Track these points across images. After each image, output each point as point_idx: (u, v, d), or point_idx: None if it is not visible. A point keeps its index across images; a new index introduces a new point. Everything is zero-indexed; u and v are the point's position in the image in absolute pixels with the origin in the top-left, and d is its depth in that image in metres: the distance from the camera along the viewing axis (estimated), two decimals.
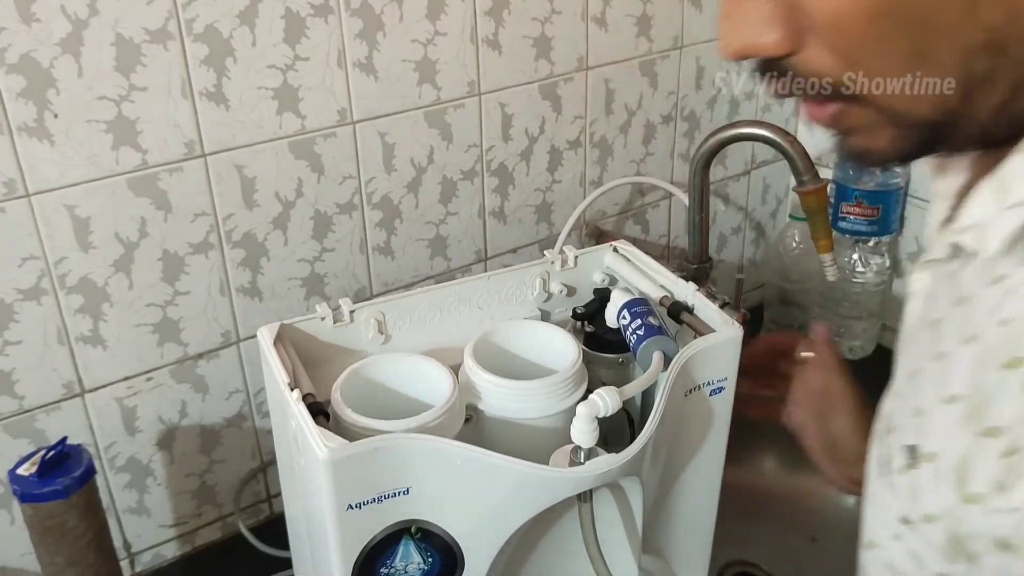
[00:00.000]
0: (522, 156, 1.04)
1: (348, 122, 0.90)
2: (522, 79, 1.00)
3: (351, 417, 0.63)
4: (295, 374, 0.69)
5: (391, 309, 0.77)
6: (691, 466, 0.76)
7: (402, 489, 0.62)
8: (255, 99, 0.83)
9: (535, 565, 0.75)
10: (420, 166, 0.97)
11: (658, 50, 1.10)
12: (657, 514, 0.76)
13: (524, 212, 1.07)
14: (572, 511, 0.70)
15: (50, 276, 0.79)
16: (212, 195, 0.84)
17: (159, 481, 0.92)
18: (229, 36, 0.80)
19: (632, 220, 1.18)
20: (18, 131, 0.73)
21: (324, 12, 0.84)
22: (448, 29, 0.92)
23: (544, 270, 0.83)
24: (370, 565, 0.64)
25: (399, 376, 0.71)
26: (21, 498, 0.74)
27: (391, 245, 0.98)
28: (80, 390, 0.84)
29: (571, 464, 0.65)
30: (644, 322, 0.72)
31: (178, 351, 0.88)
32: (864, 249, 1.21)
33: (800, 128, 1.32)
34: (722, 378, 0.73)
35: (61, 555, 0.76)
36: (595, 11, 1.03)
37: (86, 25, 0.73)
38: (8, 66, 0.71)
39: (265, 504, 1.01)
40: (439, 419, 0.64)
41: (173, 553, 0.96)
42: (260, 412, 0.96)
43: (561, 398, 0.69)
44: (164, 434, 0.90)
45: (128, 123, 0.78)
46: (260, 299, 0.91)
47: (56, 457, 0.75)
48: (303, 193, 0.90)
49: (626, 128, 1.12)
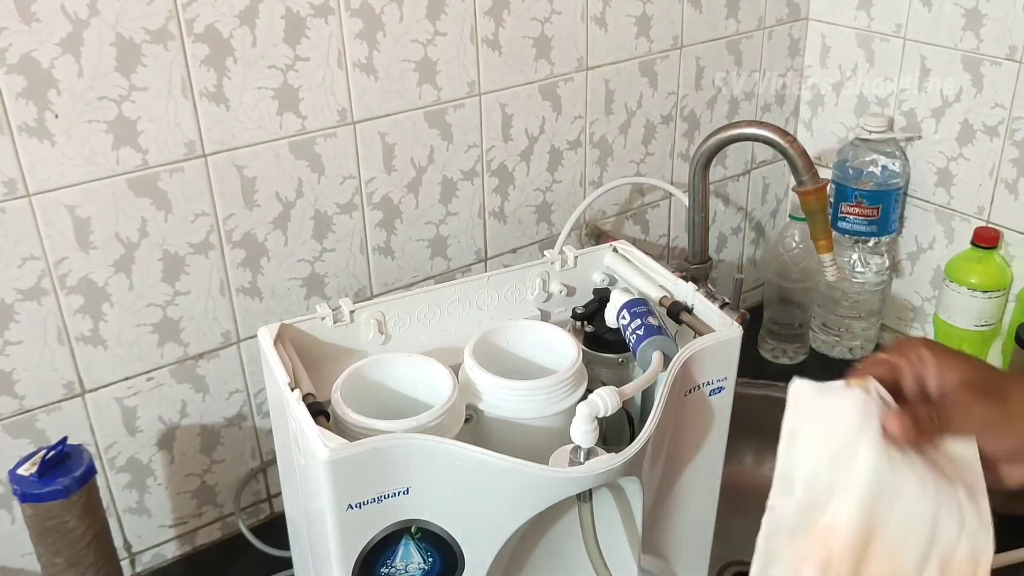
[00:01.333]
0: (522, 156, 1.04)
1: (348, 122, 0.90)
2: (522, 79, 1.00)
3: (351, 417, 0.64)
4: (295, 374, 0.69)
5: (391, 309, 0.77)
6: (691, 466, 0.76)
7: (402, 489, 0.62)
8: (255, 99, 0.83)
9: (535, 565, 0.75)
10: (420, 166, 0.97)
11: (658, 50, 1.11)
12: (657, 514, 0.76)
13: (524, 212, 1.07)
14: (572, 511, 0.70)
15: (50, 276, 0.79)
16: (212, 195, 0.84)
17: (159, 481, 0.92)
18: (229, 36, 0.80)
19: (632, 220, 1.19)
20: (18, 131, 0.73)
21: (324, 12, 0.84)
22: (448, 29, 0.93)
23: (544, 270, 0.83)
24: (370, 565, 0.64)
25: (399, 376, 0.71)
26: (21, 498, 0.74)
27: (391, 245, 0.98)
28: (80, 390, 0.84)
29: (571, 464, 0.65)
30: (644, 322, 0.72)
31: (178, 351, 0.88)
32: (864, 249, 1.21)
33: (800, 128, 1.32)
34: (722, 378, 0.73)
35: (61, 555, 0.76)
36: (595, 11, 1.03)
37: (86, 25, 0.73)
38: (8, 66, 0.71)
39: (265, 504, 1.01)
40: (439, 419, 0.64)
41: (173, 553, 0.96)
42: (260, 412, 0.96)
43: (561, 398, 0.69)
44: (164, 434, 0.90)
45: (128, 123, 0.78)
46: (260, 299, 0.91)
47: (56, 457, 0.76)
48: (303, 193, 0.90)
49: (626, 128, 1.12)
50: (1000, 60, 1.07)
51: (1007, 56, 1.06)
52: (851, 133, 1.24)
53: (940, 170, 1.17)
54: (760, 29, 1.20)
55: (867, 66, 1.21)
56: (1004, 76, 1.07)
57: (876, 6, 1.17)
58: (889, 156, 1.17)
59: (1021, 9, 1.04)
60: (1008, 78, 1.07)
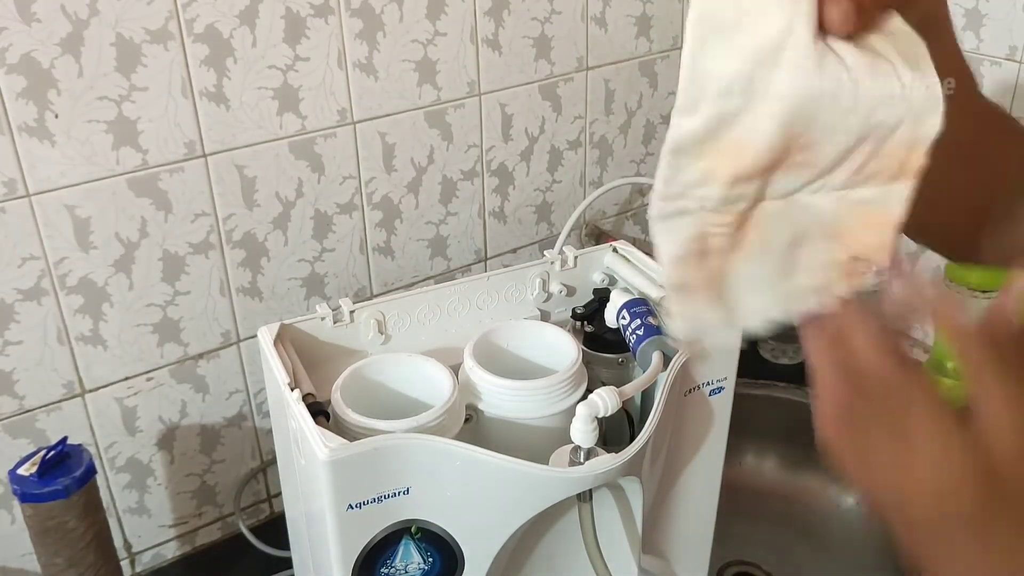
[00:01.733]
0: (522, 156, 1.04)
1: (348, 122, 0.90)
2: (522, 79, 1.00)
3: (351, 417, 0.63)
4: (295, 374, 0.69)
5: (391, 309, 0.77)
6: (691, 466, 0.76)
7: (402, 489, 0.62)
8: (255, 99, 0.83)
9: (535, 565, 0.75)
10: (420, 166, 0.97)
11: (658, 50, 1.11)
12: (657, 514, 0.76)
13: (524, 212, 1.07)
14: (572, 511, 0.70)
15: (50, 276, 0.79)
16: (212, 195, 0.84)
17: (159, 481, 0.92)
18: (229, 36, 0.80)
19: (632, 220, 1.19)
20: (18, 131, 0.73)
21: (324, 12, 0.84)
22: (448, 29, 0.93)
23: (544, 270, 0.83)
24: (370, 565, 0.64)
25: (399, 376, 0.71)
26: (21, 498, 0.74)
27: (391, 245, 0.98)
28: (80, 390, 0.84)
29: (571, 464, 0.65)
30: (644, 322, 0.72)
31: (178, 351, 0.88)
32: None
33: None
34: (721, 378, 0.73)
35: (61, 555, 0.76)
36: (595, 11, 1.03)
37: (86, 25, 0.73)
38: (8, 66, 0.71)
39: (265, 504, 1.01)
40: (439, 419, 0.64)
41: (173, 553, 0.96)
42: (260, 412, 0.96)
43: (561, 398, 0.69)
44: (164, 434, 0.90)
45: (128, 123, 0.78)
46: (260, 299, 0.91)
47: (56, 457, 0.76)
48: (303, 193, 0.90)
49: (626, 128, 1.12)
50: (1000, 60, 1.07)
51: (1007, 56, 1.06)
52: None
53: None
54: None
55: None
56: (1004, 76, 1.07)
57: None
58: None
59: (1021, 9, 1.04)
60: (1008, 78, 1.07)
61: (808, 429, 0.63)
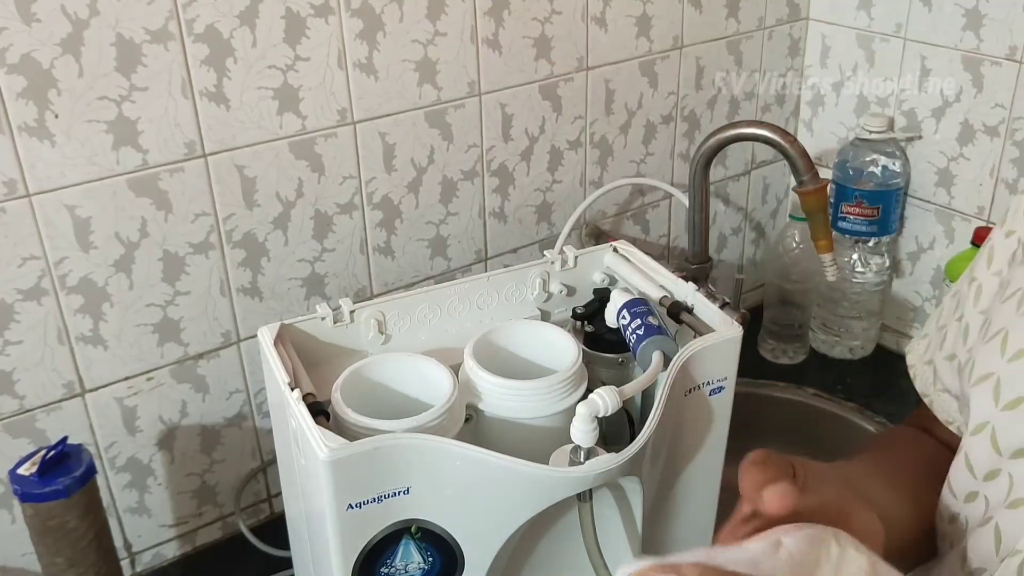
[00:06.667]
0: (522, 156, 1.04)
1: (348, 122, 0.90)
2: (522, 79, 1.00)
3: (351, 417, 0.64)
4: (295, 374, 0.69)
5: (391, 309, 0.77)
6: (691, 466, 0.76)
7: (402, 489, 0.62)
8: (255, 99, 0.83)
9: (535, 565, 0.75)
10: (420, 166, 0.97)
11: (658, 50, 1.11)
12: (657, 514, 0.76)
13: (524, 212, 1.07)
14: (572, 511, 0.70)
15: (50, 276, 0.79)
16: (212, 195, 0.84)
17: (159, 481, 0.92)
18: (229, 36, 0.80)
19: (632, 220, 1.19)
20: (19, 131, 0.73)
21: (324, 12, 0.84)
22: (448, 29, 0.93)
23: (544, 270, 0.83)
24: (370, 565, 0.64)
25: (399, 376, 0.71)
26: (22, 498, 0.74)
27: (391, 245, 0.98)
28: (80, 390, 0.84)
29: (571, 464, 0.65)
30: (644, 322, 0.72)
31: (178, 351, 0.88)
32: (864, 249, 1.21)
33: (800, 128, 1.32)
34: (722, 378, 0.73)
35: (61, 555, 0.76)
36: (595, 11, 1.03)
37: (86, 25, 0.73)
38: (8, 66, 0.71)
39: (265, 504, 1.01)
40: (439, 419, 0.64)
41: (173, 553, 0.96)
42: (260, 412, 0.96)
43: (561, 398, 0.69)
44: (164, 434, 0.90)
45: (129, 123, 0.78)
46: (260, 299, 0.91)
47: (56, 457, 0.76)
48: (303, 193, 0.90)
49: (626, 128, 1.12)
50: (1000, 60, 1.07)
51: (1007, 56, 1.06)
52: (851, 133, 1.24)
53: (940, 170, 1.17)
54: (760, 29, 1.20)
55: (867, 66, 1.21)
56: (1004, 76, 1.07)
57: (876, 6, 1.17)
58: (889, 156, 1.17)
59: (1021, 9, 1.04)
60: (1008, 78, 1.07)
61: (808, 429, 0.62)
